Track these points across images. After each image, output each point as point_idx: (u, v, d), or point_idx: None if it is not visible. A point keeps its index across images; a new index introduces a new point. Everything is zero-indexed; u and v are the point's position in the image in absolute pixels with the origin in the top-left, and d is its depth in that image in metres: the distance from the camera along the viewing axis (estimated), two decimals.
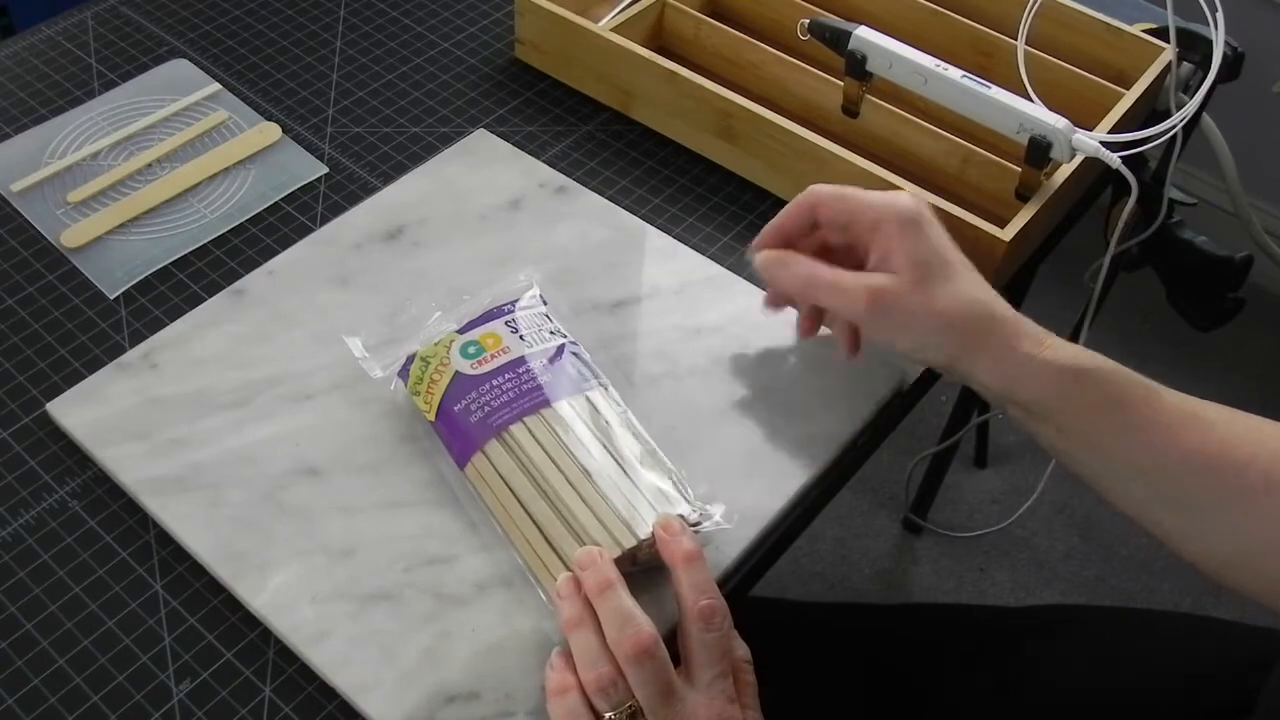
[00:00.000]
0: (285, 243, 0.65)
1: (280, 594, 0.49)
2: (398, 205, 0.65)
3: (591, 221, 0.65)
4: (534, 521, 0.48)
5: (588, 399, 0.51)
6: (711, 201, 0.69)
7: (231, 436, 0.55)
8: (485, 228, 0.63)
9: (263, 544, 0.51)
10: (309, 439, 0.55)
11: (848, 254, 0.54)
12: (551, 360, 0.52)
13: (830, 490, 0.57)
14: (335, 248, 0.63)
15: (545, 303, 0.56)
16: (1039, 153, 0.61)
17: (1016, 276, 0.66)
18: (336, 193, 0.68)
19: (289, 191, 0.68)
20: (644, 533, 0.48)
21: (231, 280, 0.62)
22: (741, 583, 0.52)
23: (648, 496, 0.49)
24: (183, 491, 0.53)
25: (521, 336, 0.53)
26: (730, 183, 0.70)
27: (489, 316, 0.54)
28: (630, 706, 0.42)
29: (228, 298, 0.61)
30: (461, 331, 0.53)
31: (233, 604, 0.50)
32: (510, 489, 0.49)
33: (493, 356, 0.52)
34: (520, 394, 0.51)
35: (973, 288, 0.50)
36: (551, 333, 0.54)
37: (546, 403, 0.51)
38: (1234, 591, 0.48)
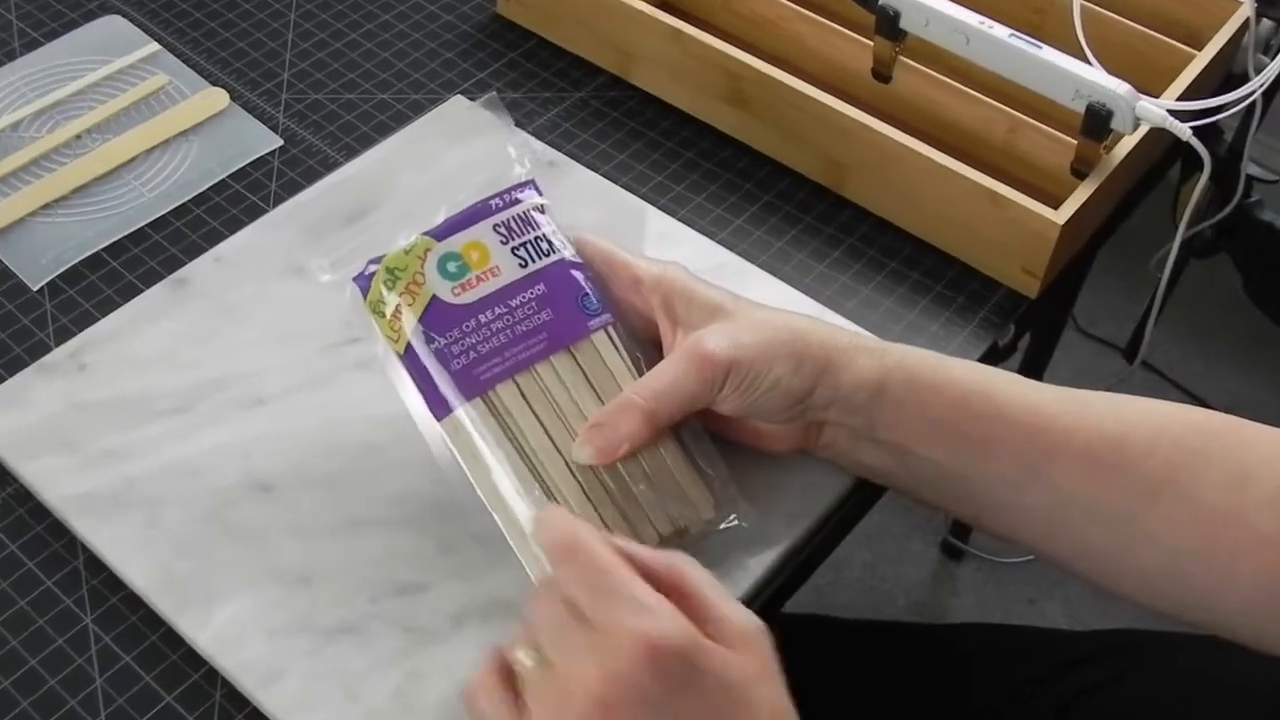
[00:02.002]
0: (234, 225, 0.65)
1: (228, 628, 0.49)
2: (363, 183, 0.65)
3: (584, 201, 0.65)
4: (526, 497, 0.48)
5: (593, 344, 0.50)
6: (721, 179, 0.69)
7: (172, 447, 0.55)
8: (475, 197, 0.63)
9: (208, 571, 0.51)
10: (261, 450, 0.54)
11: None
12: (551, 287, 0.50)
13: (859, 509, 0.57)
14: (291, 231, 0.63)
15: (540, 193, 0.52)
16: (1098, 123, 0.62)
17: (1071, 265, 0.67)
18: (292, 169, 0.68)
19: (238, 167, 0.68)
20: (667, 530, 0.48)
21: (172, 269, 0.62)
22: (759, 614, 0.52)
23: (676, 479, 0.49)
24: (116, 510, 0.53)
25: (514, 251, 0.50)
26: (743, 157, 0.70)
27: (473, 216, 0.50)
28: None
29: (168, 289, 0.61)
30: (439, 238, 0.50)
31: (174, 640, 0.50)
32: (499, 456, 0.48)
33: (479, 280, 0.49)
34: (513, 339, 0.49)
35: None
36: (549, 244, 0.51)
37: (544, 354, 0.49)
38: (1166, 615, 0.49)
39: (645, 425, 0.48)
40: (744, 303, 0.51)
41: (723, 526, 0.51)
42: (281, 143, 0.69)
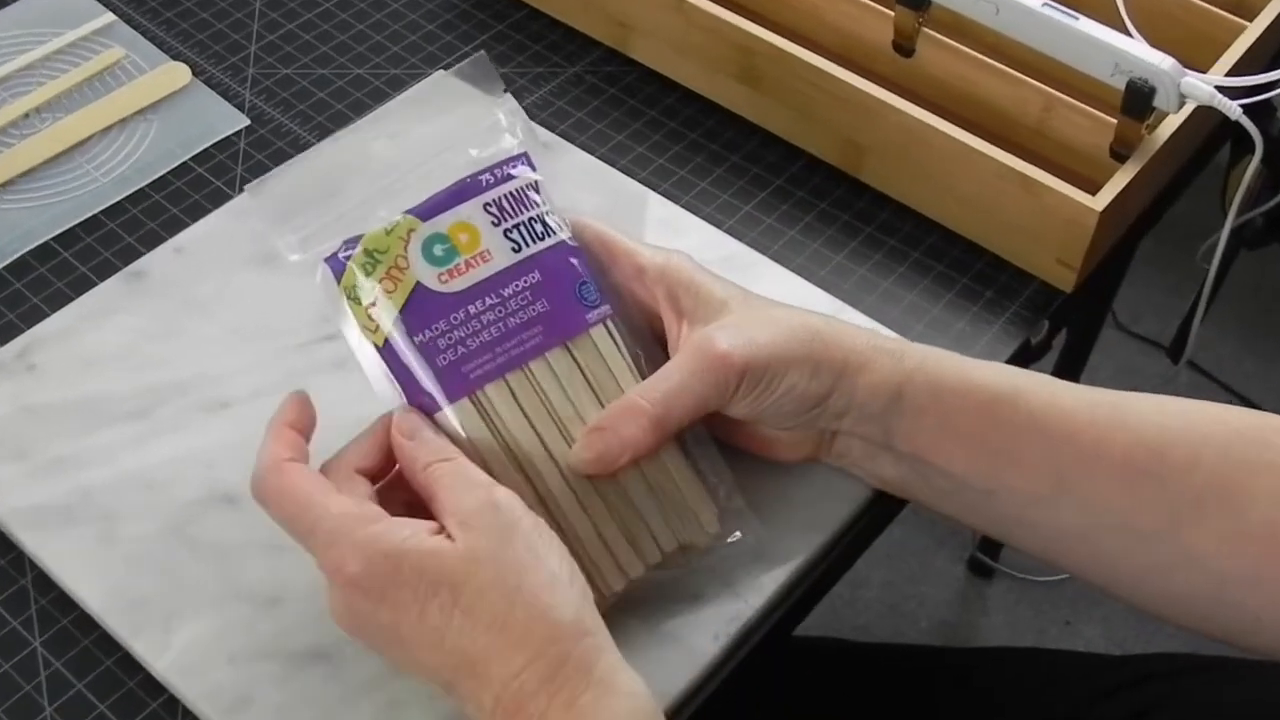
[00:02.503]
0: (196, 213, 0.65)
1: (190, 653, 0.49)
2: (336, 166, 0.64)
3: (580, 186, 0.65)
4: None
5: (592, 339, 0.50)
6: (728, 162, 0.69)
7: (128, 456, 0.54)
8: (462, 172, 0.63)
9: (168, 590, 0.51)
10: (226, 459, 0.54)
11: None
12: (547, 275, 0.49)
13: (878, 522, 0.57)
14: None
15: (534, 169, 0.51)
16: (1139, 100, 0.61)
17: (1111, 256, 0.66)
18: (260, 150, 0.68)
19: (201, 149, 0.68)
20: (670, 546, 0.49)
21: (129, 260, 0.62)
22: (768, 637, 0.52)
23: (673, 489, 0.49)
24: (68, 524, 0.52)
25: (507, 234, 0.49)
26: (752, 138, 0.70)
27: (461, 193, 0.50)
28: None
29: (124, 282, 0.61)
30: (423, 217, 0.49)
31: (130, 665, 0.50)
32: (487, 463, 0.48)
33: (469, 265, 0.49)
34: (505, 333, 0.48)
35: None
36: (545, 226, 0.50)
37: (538, 350, 0.49)
38: (1212, 639, 0.49)
39: (651, 432, 0.48)
40: (754, 298, 0.51)
41: (729, 541, 0.51)
42: (248, 122, 0.69)
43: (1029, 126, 0.67)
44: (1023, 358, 0.62)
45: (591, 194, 0.64)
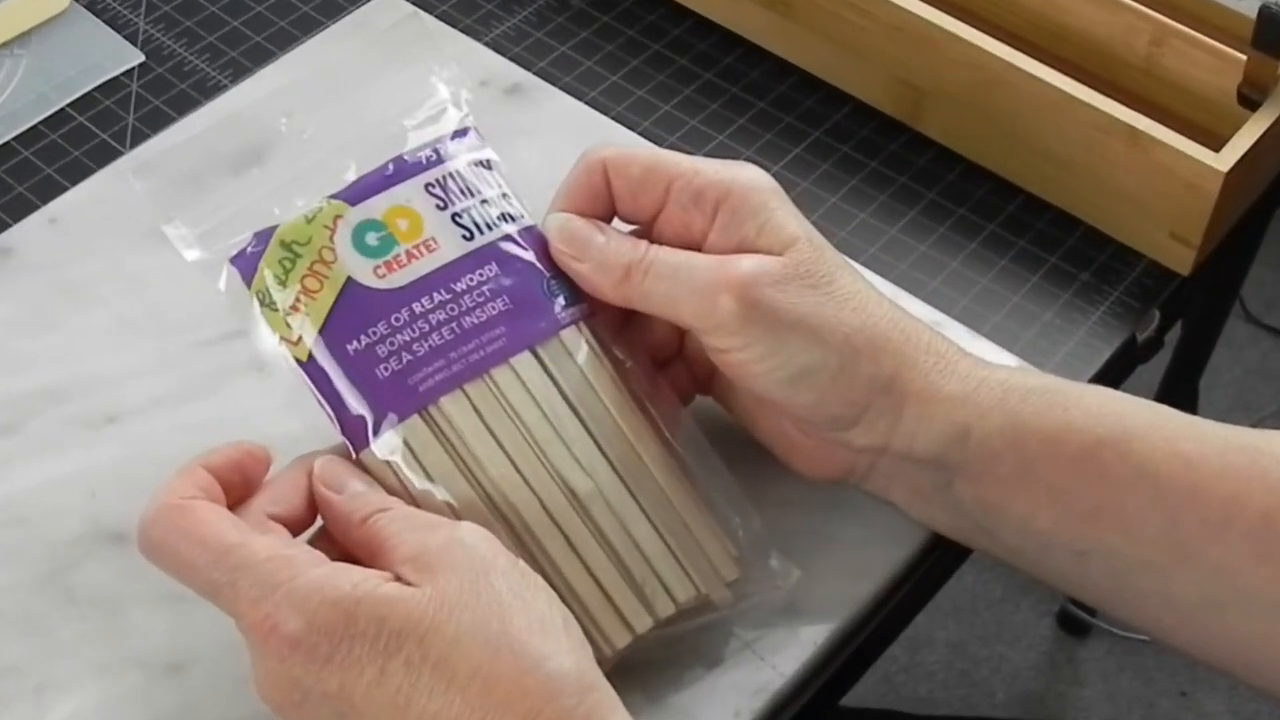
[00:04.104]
0: (76, 174, 0.65)
1: None
2: (254, 114, 0.64)
3: (562, 139, 0.64)
4: None
5: (562, 343, 0.50)
6: (753, 109, 0.69)
7: None
8: (396, 150, 0.63)
9: (41, 653, 0.51)
10: (113, 486, 0.54)
11: None
12: (506, 268, 0.50)
13: (943, 568, 0.57)
14: (156, 181, 0.62)
15: (485, 144, 0.53)
16: (1274, 30, 0.61)
17: (1239, 230, 0.66)
18: (158, 94, 0.68)
19: (82, 92, 0.68)
20: (683, 596, 0.49)
21: None
22: (804, 714, 0.52)
23: (679, 530, 0.49)
24: None
25: (455, 219, 0.50)
26: (784, 79, 0.70)
27: (397, 173, 0.51)
28: None
29: None
30: (352, 201, 0.50)
31: None
32: (448, 495, 0.48)
33: (410, 256, 0.49)
34: (460, 335, 0.49)
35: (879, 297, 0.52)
36: (501, 211, 0.51)
37: (502, 355, 0.49)
38: None
39: (617, 282, 0.50)
40: (830, 252, 0.51)
41: (753, 588, 0.51)
42: (143, 58, 0.69)
43: (1135, 65, 0.67)
44: (1126, 358, 0.63)
45: (577, 149, 0.64)
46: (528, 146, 0.64)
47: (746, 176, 0.51)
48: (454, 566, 0.43)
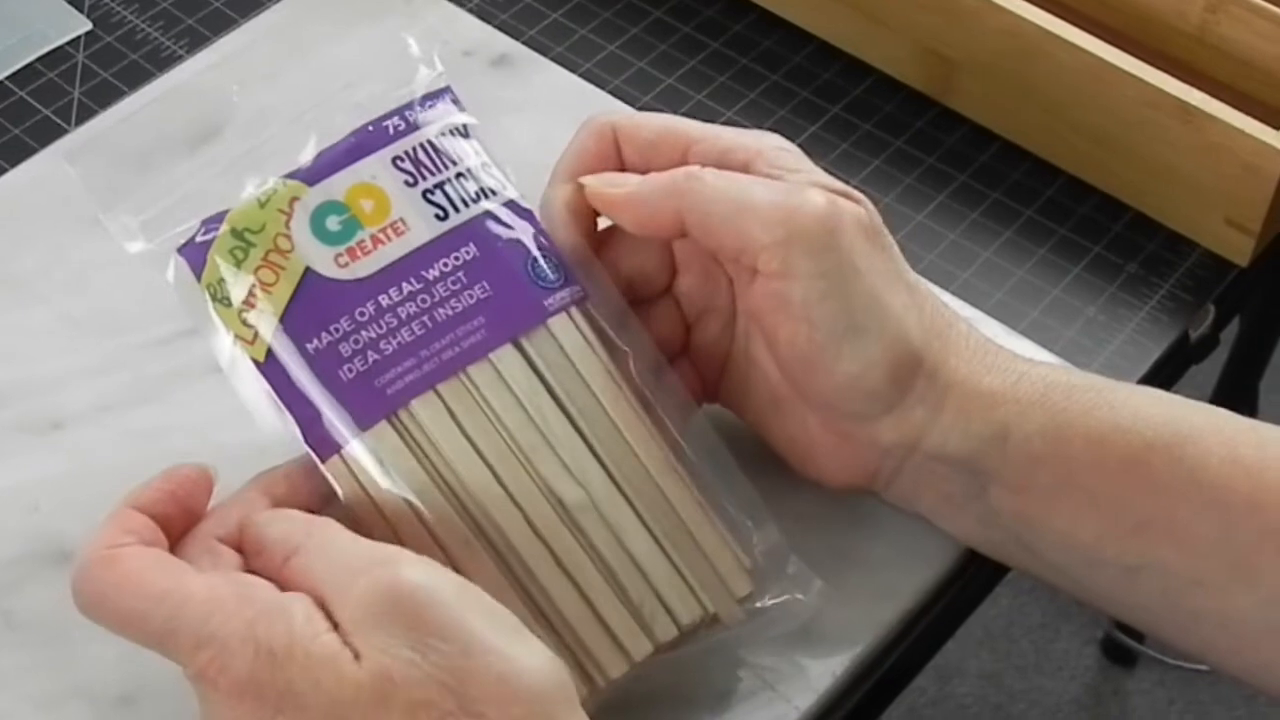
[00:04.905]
0: (16, 154, 0.65)
1: None
2: (213, 88, 0.64)
3: (555, 115, 0.64)
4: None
5: (550, 332, 0.50)
6: (765, 81, 0.69)
7: None
8: (361, 120, 0.63)
9: None
10: (57, 499, 0.54)
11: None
12: (486, 250, 0.50)
13: (977, 588, 0.57)
14: (98, 164, 0.62)
15: (461, 106, 0.52)
16: None
17: None
18: (106, 65, 0.68)
19: (24, 63, 0.68)
20: (687, 617, 0.48)
21: None
22: None
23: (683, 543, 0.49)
24: None
25: (427, 196, 0.50)
26: (801, 49, 0.70)
27: (360, 146, 0.51)
28: None
29: None
30: (310, 181, 0.50)
31: None
32: (421, 510, 0.48)
33: (376, 242, 0.49)
34: (433, 330, 0.49)
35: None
36: (480, 184, 0.51)
37: (481, 350, 0.49)
38: None
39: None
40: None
41: (769, 603, 0.50)
42: (90, 26, 0.69)
43: (1188, 33, 0.67)
44: (1178, 358, 0.62)
45: (570, 127, 0.64)
46: (517, 124, 0.64)
47: (773, 138, 0.52)
48: (389, 625, 0.42)
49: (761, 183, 0.50)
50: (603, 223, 0.53)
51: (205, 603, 0.43)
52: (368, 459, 0.48)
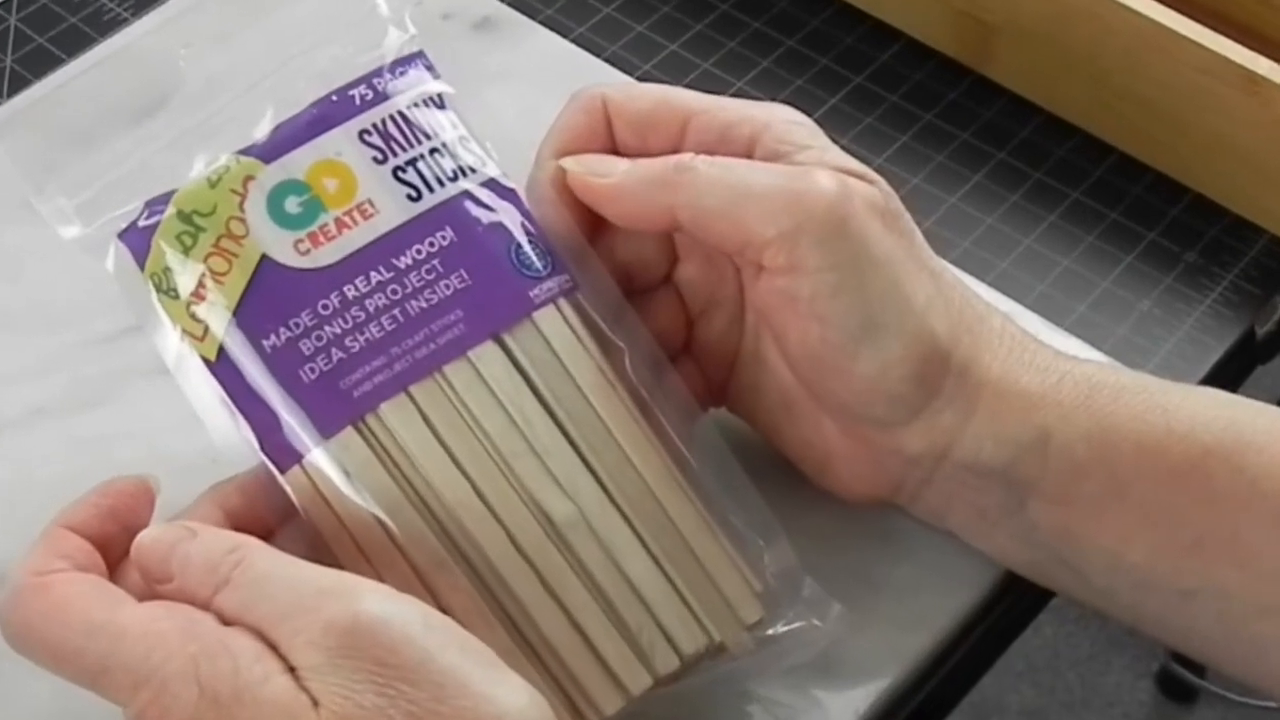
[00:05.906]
0: None
1: None
2: (159, 52, 0.64)
3: (544, 84, 0.64)
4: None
5: (536, 326, 0.50)
6: (780, 48, 0.69)
7: None
8: (325, 89, 0.63)
9: None
10: None
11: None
12: (464, 234, 0.50)
13: (1019, 615, 0.57)
14: (37, 137, 0.63)
15: (436, 73, 0.53)
16: None
17: None
18: (40, 30, 0.68)
19: None
20: (690, 646, 0.48)
21: None
22: None
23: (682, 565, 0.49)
24: None
25: (398, 174, 0.51)
26: (820, 11, 0.70)
27: (323, 119, 0.51)
28: None
29: None
30: (267, 158, 0.50)
31: None
32: (392, 526, 0.48)
33: (340, 226, 0.50)
34: (404, 324, 0.49)
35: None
36: (456, 161, 0.51)
37: (458, 347, 0.49)
38: None
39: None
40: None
41: (782, 630, 0.50)
42: None
43: None
44: (1243, 357, 0.63)
45: (561, 97, 0.64)
46: (501, 94, 0.64)
47: (784, 110, 0.52)
48: (352, 666, 0.42)
49: (762, 168, 0.50)
50: None
51: (144, 637, 0.43)
52: (332, 470, 0.48)
